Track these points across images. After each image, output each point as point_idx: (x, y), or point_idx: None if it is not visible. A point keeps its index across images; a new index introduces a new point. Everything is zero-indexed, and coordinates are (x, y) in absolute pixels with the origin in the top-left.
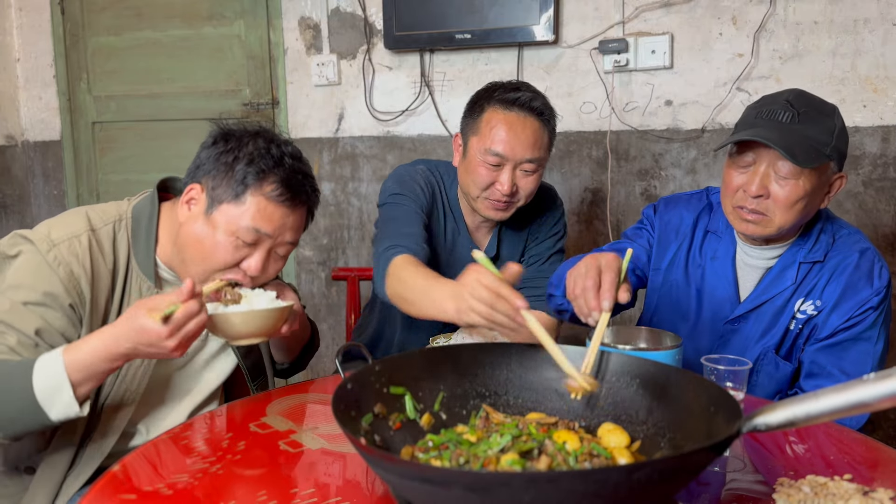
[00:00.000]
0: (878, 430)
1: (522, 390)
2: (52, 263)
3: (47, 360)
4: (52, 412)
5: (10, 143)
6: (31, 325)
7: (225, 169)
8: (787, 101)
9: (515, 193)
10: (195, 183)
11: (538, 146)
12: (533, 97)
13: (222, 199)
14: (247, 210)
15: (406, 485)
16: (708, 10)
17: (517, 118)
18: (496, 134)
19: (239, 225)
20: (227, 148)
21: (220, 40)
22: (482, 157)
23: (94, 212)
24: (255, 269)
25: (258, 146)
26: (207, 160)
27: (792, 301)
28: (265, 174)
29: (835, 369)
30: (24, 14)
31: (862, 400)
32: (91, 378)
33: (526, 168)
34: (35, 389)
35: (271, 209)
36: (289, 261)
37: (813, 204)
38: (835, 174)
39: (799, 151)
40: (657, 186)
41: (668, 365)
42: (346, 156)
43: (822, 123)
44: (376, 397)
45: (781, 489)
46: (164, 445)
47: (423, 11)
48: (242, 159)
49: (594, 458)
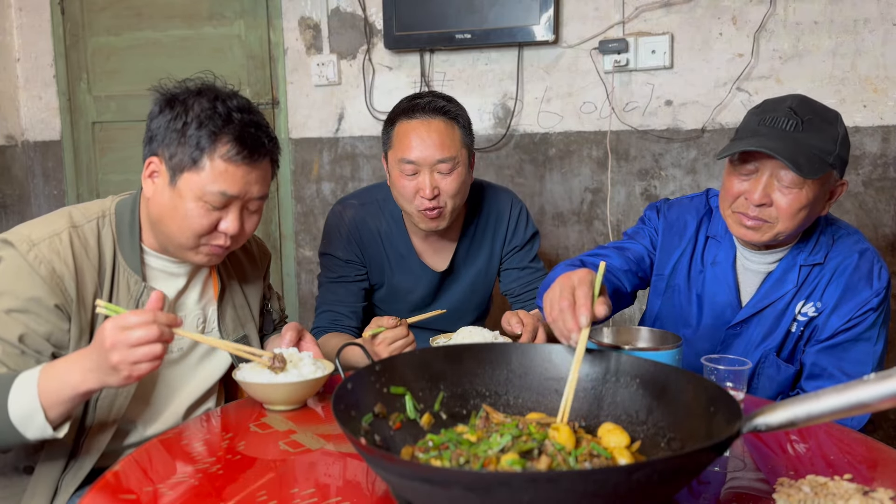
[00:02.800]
0: (878, 430)
1: (522, 390)
2: (32, 263)
3: (23, 383)
4: (29, 433)
5: (10, 143)
6: (13, 333)
7: (177, 136)
8: (790, 109)
9: (439, 196)
10: (153, 156)
11: (447, 145)
12: (433, 99)
13: (182, 167)
14: (207, 174)
15: (406, 485)
16: (708, 10)
17: (421, 123)
18: (405, 143)
19: (204, 190)
20: (174, 114)
21: (220, 40)
22: (399, 167)
23: (78, 210)
24: (234, 229)
25: (203, 106)
26: (159, 130)
27: (793, 304)
28: (217, 135)
29: (836, 370)
30: (24, 14)
31: (862, 400)
32: (62, 401)
33: (441, 169)
34: (10, 412)
35: (232, 169)
36: (289, 260)
37: (815, 211)
38: (837, 181)
39: (803, 162)
40: (657, 186)
41: (668, 365)
42: (346, 156)
43: (825, 132)
44: (376, 397)
45: (781, 489)
46: (164, 445)
47: (423, 11)
48: (192, 123)
49: (594, 458)
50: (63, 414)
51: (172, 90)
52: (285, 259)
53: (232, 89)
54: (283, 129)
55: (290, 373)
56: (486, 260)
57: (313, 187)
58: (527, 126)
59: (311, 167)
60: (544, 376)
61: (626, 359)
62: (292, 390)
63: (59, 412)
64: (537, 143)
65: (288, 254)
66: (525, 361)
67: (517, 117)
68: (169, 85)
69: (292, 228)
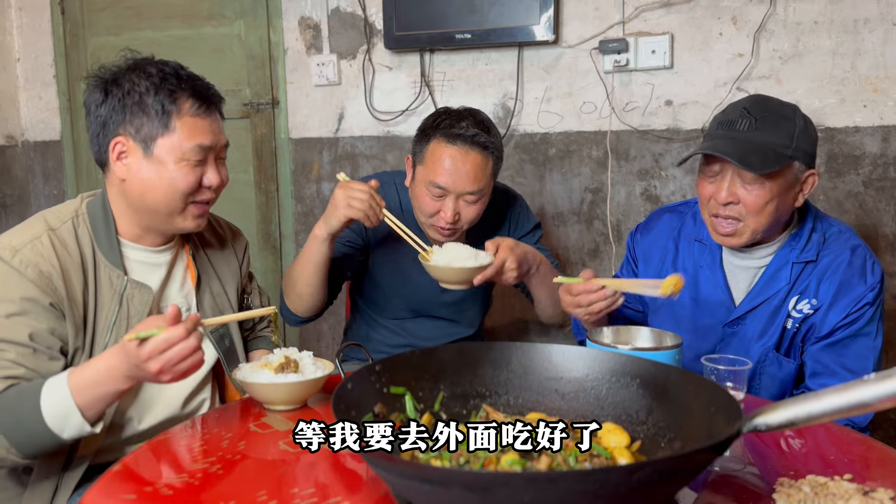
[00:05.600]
0: (878, 430)
1: (522, 390)
2: (19, 267)
3: (53, 387)
4: (65, 434)
5: (10, 143)
6: (22, 334)
7: (138, 109)
8: (744, 109)
9: (458, 220)
10: (116, 137)
11: (479, 178)
12: (476, 133)
13: (154, 135)
14: (181, 134)
15: (406, 485)
16: (708, 10)
17: (459, 152)
18: (439, 167)
19: (183, 149)
20: (123, 91)
21: (220, 40)
22: (427, 187)
23: (51, 213)
24: (217, 180)
25: (150, 73)
26: (113, 111)
27: (787, 301)
28: (176, 94)
29: (838, 367)
30: (24, 14)
31: (862, 400)
32: (99, 400)
33: (468, 199)
34: (44, 416)
35: (200, 122)
36: (289, 260)
37: (785, 204)
38: (804, 172)
39: (755, 160)
40: (657, 186)
41: (668, 365)
42: (346, 156)
43: (780, 127)
44: (376, 397)
45: (781, 489)
46: (164, 445)
47: (423, 11)
48: (149, 92)
49: (594, 458)
50: (101, 411)
51: (109, 73)
52: (285, 259)
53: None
54: (283, 129)
55: (289, 373)
56: None
57: (313, 187)
58: (527, 126)
59: (311, 167)
60: (544, 376)
61: (626, 359)
62: (292, 390)
63: (98, 410)
64: (537, 143)
65: (288, 254)
66: (525, 361)
67: (517, 117)
68: (100, 71)
69: (292, 228)
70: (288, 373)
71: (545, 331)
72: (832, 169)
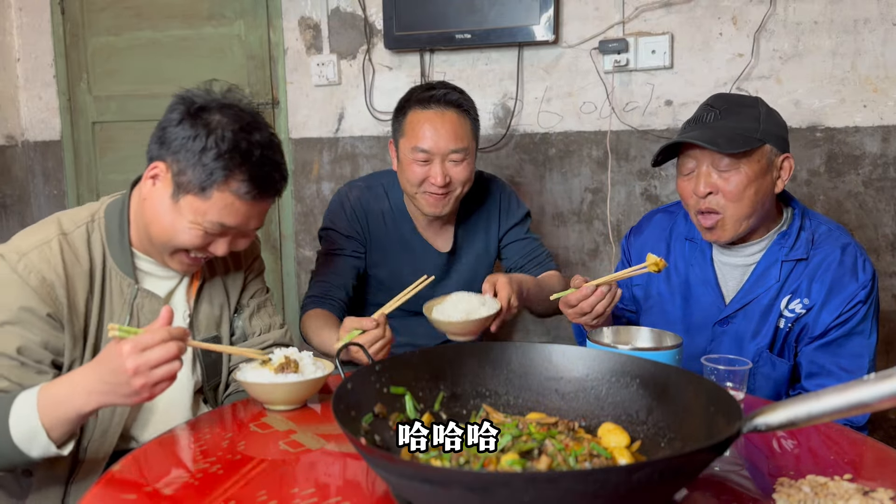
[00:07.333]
0: (879, 430)
1: (522, 390)
2: (22, 273)
3: (23, 403)
4: (33, 453)
5: (10, 143)
6: (11, 346)
7: (192, 157)
8: (708, 105)
9: (450, 183)
10: (160, 161)
11: (460, 136)
12: (448, 91)
13: (188, 189)
14: (213, 205)
15: (406, 485)
16: (708, 10)
17: (435, 114)
18: (419, 132)
19: (205, 218)
20: (194, 132)
21: (220, 40)
22: (412, 155)
23: (67, 216)
24: (222, 253)
25: (226, 135)
26: (174, 140)
27: (778, 299)
28: (232, 172)
29: (834, 367)
30: (24, 14)
31: (862, 400)
32: (63, 421)
33: (453, 158)
34: (12, 434)
35: (237, 205)
36: (289, 260)
37: (763, 189)
38: (779, 156)
39: (723, 141)
40: (657, 186)
41: (668, 365)
42: (346, 156)
43: (744, 114)
44: (376, 397)
45: (781, 489)
46: (165, 445)
47: (423, 11)
48: (210, 150)
49: (594, 458)
50: (67, 433)
51: (195, 98)
52: (285, 259)
53: (253, 108)
54: (283, 129)
55: (289, 373)
56: (484, 242)
57: (313, 187)
58: (527, 126)
59: (311, 167)
60: (544, 376)
61: (626, 359)
62: (292, 390)
63: (63, 431)
64: (537, 143)
65: (288, 254)
66: (525, 361)
67: (517, 117)
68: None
69: (292, 228)
70: (288, 373)
71: (545, 331)
72: (832, 169)
